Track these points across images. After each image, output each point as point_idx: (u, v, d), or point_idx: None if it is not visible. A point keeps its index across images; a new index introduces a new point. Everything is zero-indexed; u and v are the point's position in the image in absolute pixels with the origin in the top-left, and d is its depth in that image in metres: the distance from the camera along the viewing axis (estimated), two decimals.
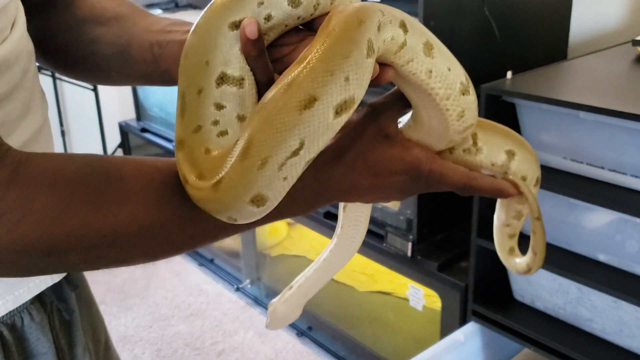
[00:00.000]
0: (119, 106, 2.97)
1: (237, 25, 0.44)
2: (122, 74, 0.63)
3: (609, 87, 1.24)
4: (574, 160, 1.21)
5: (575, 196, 1.16)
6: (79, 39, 0.62)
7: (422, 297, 1.63)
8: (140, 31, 0.61)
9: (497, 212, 0.61)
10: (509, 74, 1.30)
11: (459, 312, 1.49)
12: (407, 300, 1.68)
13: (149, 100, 2.65)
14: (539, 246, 0.59)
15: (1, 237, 0.40)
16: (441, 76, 0.47)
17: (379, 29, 0.43)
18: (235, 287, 2.36)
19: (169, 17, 0.63)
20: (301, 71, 0.40)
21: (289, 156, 0.40)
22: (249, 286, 2.32)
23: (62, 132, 2.97)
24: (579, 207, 1.21)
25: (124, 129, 2.84)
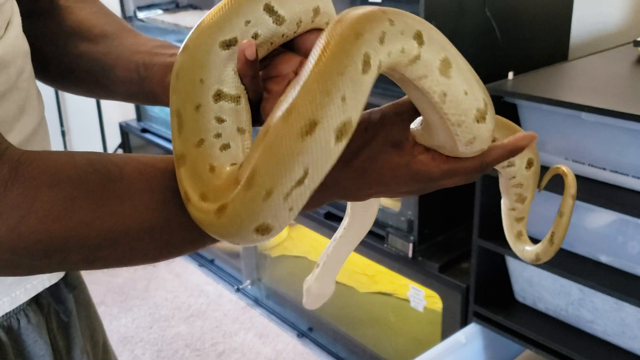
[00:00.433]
0: (119, 106, 2.96)
1: (227, 44, 0.44)
2: (106, 91, 0.63)
3: (611, 88, 1.24)
4: (576, 161, 1.21)
5: (577, 197, 1.16)
6: (64, 51, 0.62)
7: (423, 298, 1.63)
8: (126, 51, 0.61)
9: (502, 197, 0.61)
10: (511, 75, 1.29)
11: (460, 313, 1.49)
12: (408, 301, 1.67)
13: None
14: (558, 234, 0.56)
15: (1, 237, 0.39)
16: (456, 101, 0.43)
17: (382, 40, 0.40)
18: (235, 287, 2.36)
19: (157, 38, 0.63)
20: (299, 94, 0.38)
21: (294, 185, 0.39)
22: (249, 287, 2.32)
23: (62, 132, 2.97)
24: (581, 208, 1.21)
25: (125, 129, 2.84)
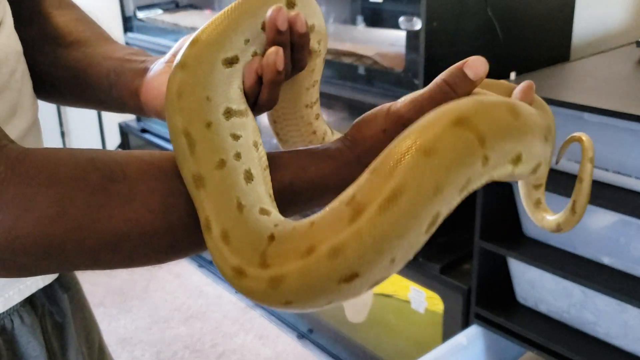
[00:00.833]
0: None
1: (229, 62, 0.44)
2: (78, 97, 0.63)
3: (613, 88, 1.23)
4: (578, 162, 1.20)
5: None
6: (39, 57, 0.62)
7: (424, 299, 1.62)
8: (99, 58, 0.61)
9: None
10: (513, 75, 1.29)
11: (462, 315, 1.48)
12: (409, 302, 1.67)
13: None
14: (580, 202, 0.54)
15: None
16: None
17: (464, 188, 0.37)
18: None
19: (132, 47, 0.64)
20: (350, 237, 0.36)
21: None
22: None
23: (62, 133, 2.97)
24: None
25: (124, 130, 2.84)
